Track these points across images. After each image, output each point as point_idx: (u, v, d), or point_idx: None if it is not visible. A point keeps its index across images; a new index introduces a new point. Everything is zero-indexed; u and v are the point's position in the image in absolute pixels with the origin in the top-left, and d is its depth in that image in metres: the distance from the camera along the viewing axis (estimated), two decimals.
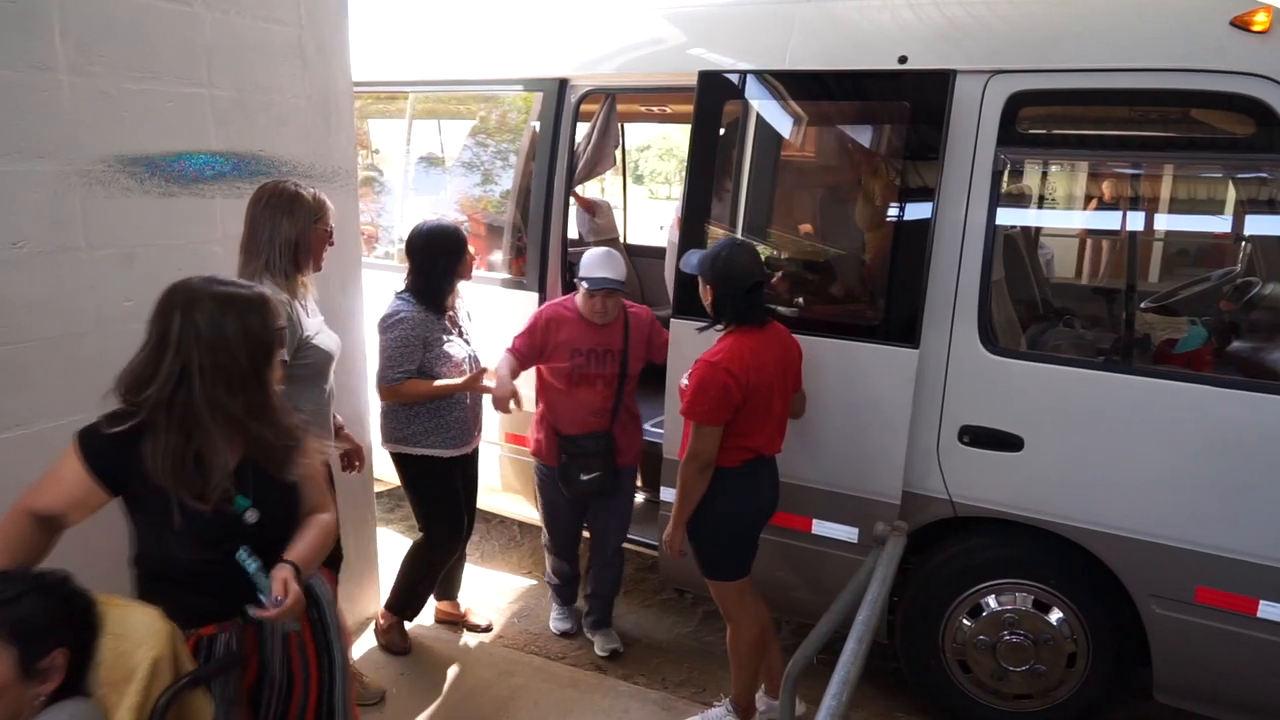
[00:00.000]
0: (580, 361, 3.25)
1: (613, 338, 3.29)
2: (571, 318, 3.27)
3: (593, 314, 3.22)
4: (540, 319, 3.31)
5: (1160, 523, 2.60)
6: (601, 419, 3.31)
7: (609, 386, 3.29)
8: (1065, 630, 2.82)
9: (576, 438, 3.30)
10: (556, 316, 3.30)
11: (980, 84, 2.73)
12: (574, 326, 3.26)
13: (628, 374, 3.31)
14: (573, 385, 3.27)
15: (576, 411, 3.30)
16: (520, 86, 3.95)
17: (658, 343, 3.35)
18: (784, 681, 2.19)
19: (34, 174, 2.24)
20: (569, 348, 3.24)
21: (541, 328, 3.28)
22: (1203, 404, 2.53)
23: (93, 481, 1.69)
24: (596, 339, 3.26)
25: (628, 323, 3.33)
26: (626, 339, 3.30)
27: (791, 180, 3.42)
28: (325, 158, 3.09)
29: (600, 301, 3.18)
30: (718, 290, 2.66)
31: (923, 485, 2.89)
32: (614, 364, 3.28)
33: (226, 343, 1.68)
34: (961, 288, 2.77)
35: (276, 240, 2.48)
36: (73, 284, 2.36)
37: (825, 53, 3.03)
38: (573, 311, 3.29)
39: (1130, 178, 3.09)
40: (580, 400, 3.29)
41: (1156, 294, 3.21)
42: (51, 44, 2.23)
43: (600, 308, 3.19)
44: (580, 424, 3.30)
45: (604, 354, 3.27)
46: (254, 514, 1.76)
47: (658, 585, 4.12)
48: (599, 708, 3.12)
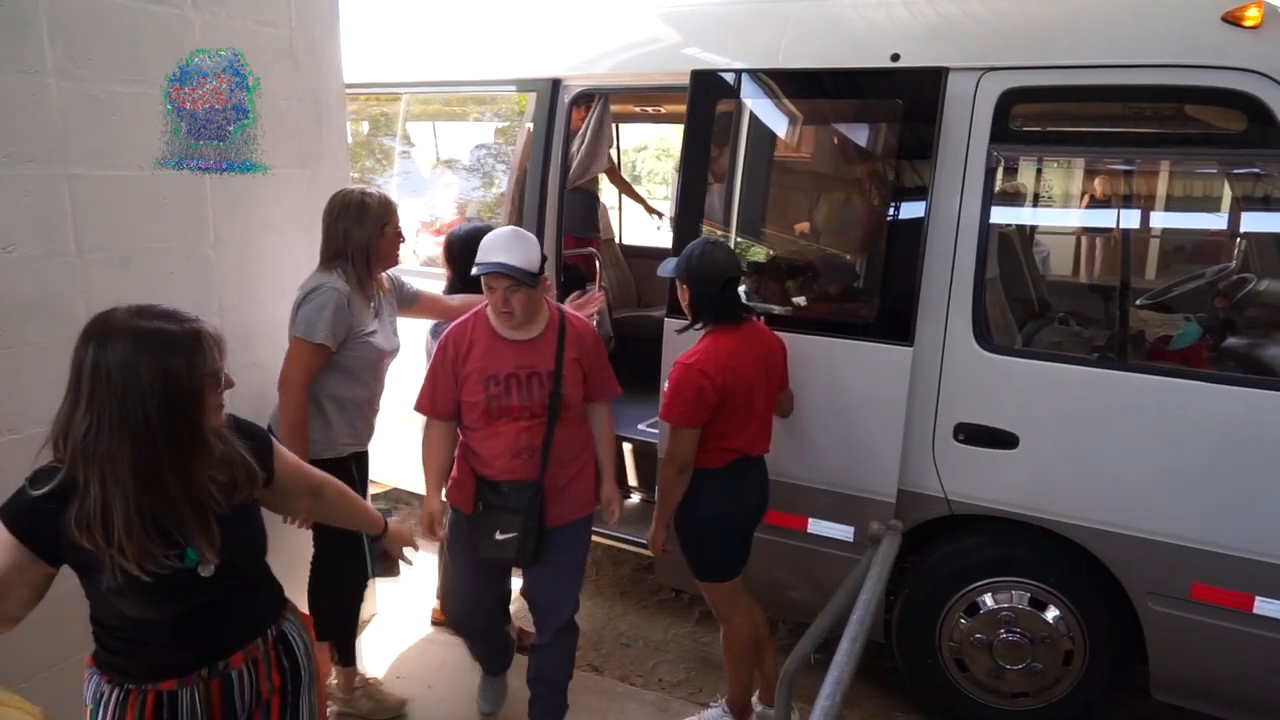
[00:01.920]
0: (496, 391, 2.53)
1: (540, 356, 2.57)
2: (482, 336, 2.57)
3: (499, 318, 2.53)
4: (442, 352, 2.60)
5: (1156, 519, 2.60)
6: (527, 463, 2.56)
7: (536, 420, 2.56)
8: (1062, 628, 2.82)
9: (498, 483, 2.57)
10: (461, 338, 2.59)
11: (973, 81, 2.73)
12: (486, 347, 2.56)
13: (563, 403, 2.58)
14: (491, 420, 2.55)
15: (496, 451, 2.57)
16: (514, 87, 3.94)
17: (595, 370, 2.68)
18: (780, 681, 2.19)
19: (23, 178, 2.23)
20: (482, 375, 2.53)
21: (448, 363, 2.58)
22: (1198, 400, 2.52)
23: (27, 553, 1.49)
24: (518, 359, 2.55)
25: (563, 335, 2.61)
26: (560, 358, 2.58)
27: (785, 179, 3.41)
28: (317, 158, 3.09)
29: (501, 296, 2.46)
30: (693, 289, 2.66)
31: (918, 483, 2.89)
32: (543, 391, 2.56)
33: (138, 388, 1.44)
34: (956, 285, 2.77)
35: (349, 248, 2.70)
36: (64, 288, 2.35)
37: (819, 51, 3.03)
38: (484, 328, 2.59)
39: (1124, 175, 3.09)
40: (500, 436, 2.56)
41: (1151, 291, 3.21)
42: (40, 47, 2.23)
43: (501, 303, 2.46)
44: (503, 468, 2.57)
45: (528, 379, 2.55)
46: (209, 567, 1.56)
47: (654, 586, 4.11)
48: (595, 708, 3.11)
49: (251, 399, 2.92)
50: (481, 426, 2.57)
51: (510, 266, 2.40)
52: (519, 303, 2.47)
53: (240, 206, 2.82)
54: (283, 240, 2.99)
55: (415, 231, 4.35)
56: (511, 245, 2.45)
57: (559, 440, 2.60)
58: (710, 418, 2.60)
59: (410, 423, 2.84)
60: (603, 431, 2.81)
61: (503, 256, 2.41)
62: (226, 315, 2.80)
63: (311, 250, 3.08)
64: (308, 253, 3.06)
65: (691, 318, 2.71)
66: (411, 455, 2.80)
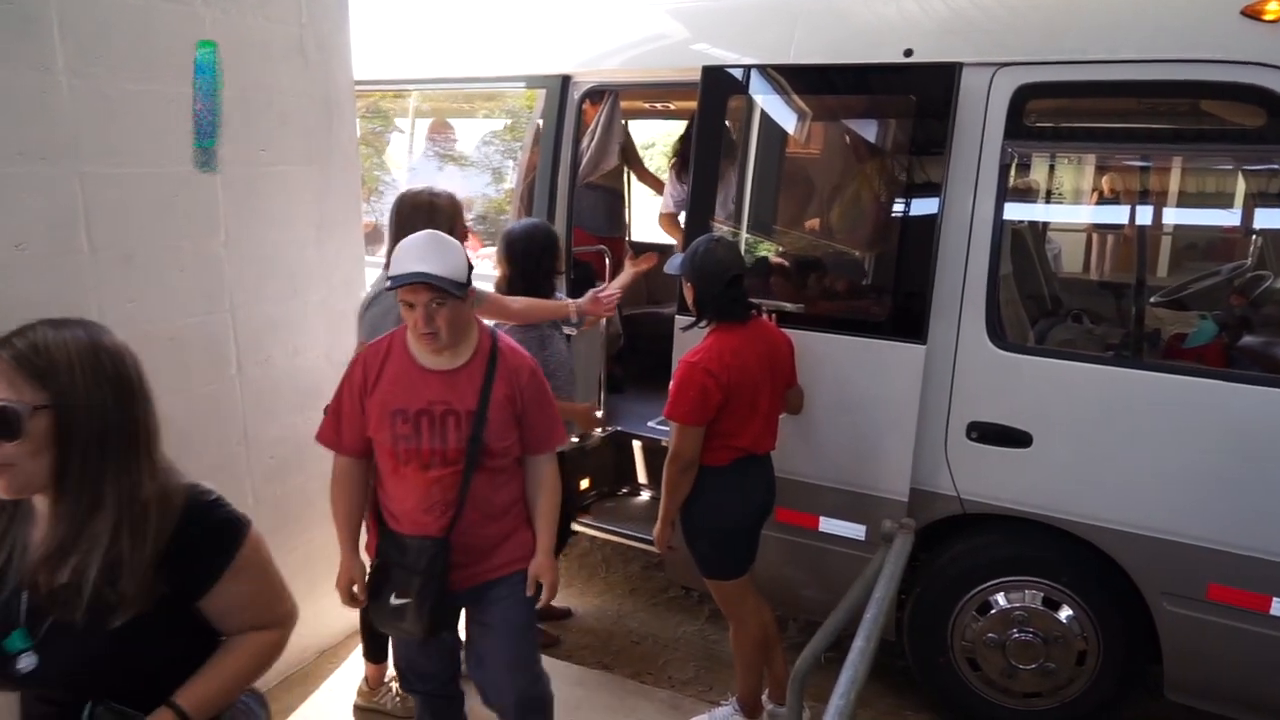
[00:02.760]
0: (404, 431, 2.09)
1: (460, 391, 2.11)
2: (395, 361, 2.15)
3: (420, 340, 2.07)
4: (350, 376, 2.20)
5: (1171, 519, 2.57)
6: (434, 518, 2.13)
7: (450, 468, 2.10)
8: (1075, 628, 2.80)
9: (401, 537, 2.15)
10: (372, 360, 2.17)
11: (987, 77, 2.71)
12: (396, 374, 2.13)
13: (485, 451, 2.12)
14: (399, 464, 2.13)
15: (404, 504, 2.16)
16: (523, 84, 3.93)
17: (534, 413, 2.21)
18: (791, 680, 2.17)
19: (36, 176, 2.23)
20: (388, 409, 2.10)
21: (355, 390, 2.16)
22: (1214, 399, 2.50)
23: None
24: (433, 393, 2.11)
25: (493, 367, 2.15)
26: (486, 394, 2.12)
27: (796, 175, 3.40)
28: (327, 155, 3.08)
29: (424, 313, 2.01)
30: (697, 287, 2.65)
31: (930, 482, 2.87)
32: (459, 434, 2.09)
33: None
34: (969, 282, 2.75)
35: None
36: (76, 286, 2.35)
37: (830, 46, 3.00)
38: (399, 350, 2.16)
39: (1139, 171, 3.06)
40: (408, 485, 2.14)
41: (1166, 288, 3.18)
42: (51, 45, 2.23)
43: (424, 321, 2.01)
44: (410, 524, 2.15)
45: (443, 418, 2.09)
46: (30, 659, 1.28)
47: (664, 583, 4.11)
48: (606, 705, 3.11)
49: (264, 395, 2.93)
50: (389, 472, 2.16)
51: (433, 276, 1.97)
52: (445, 320, 2.03)
53: (250, 204, 2.82)
54: (293, 237, 2.99)
55: None
56: (432, 251, 2.02)
57: (478, 495, 2.14)
58: (715, 416, 2.59)
59: None
60: (541, 491, 2.27)
61: (423, 264, 1.98)
62: (237, 313, 2.80)
63: (321, 247, 3.09)
64: (318, 249, 3.07)
65: (696, 315, 2.71)
66: None
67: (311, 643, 3.27)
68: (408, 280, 1.99)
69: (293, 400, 3.04)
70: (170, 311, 2.60)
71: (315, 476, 3.16)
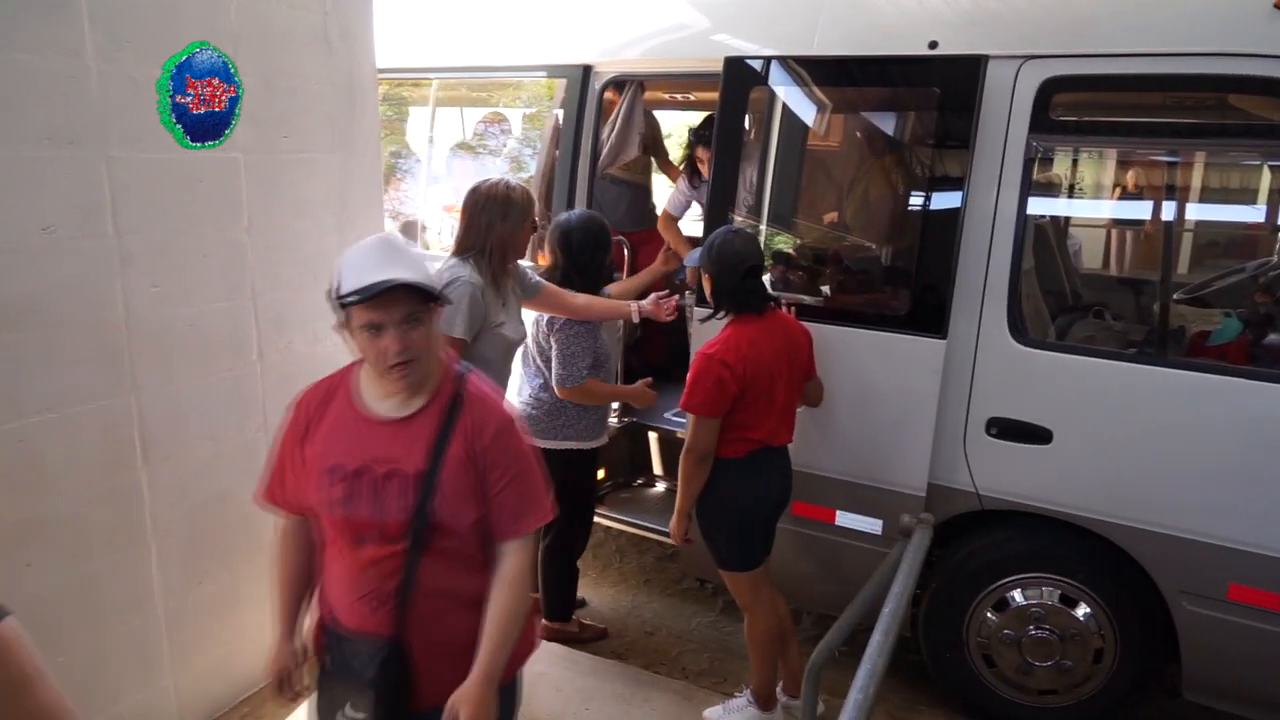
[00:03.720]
0: (339, 493, 1.64)
1: (409, 446, 1.64)
2: (338, 402, 1.70)
3: (386, 375, 1.59)
4: (291, 418, 1.75)
5: (1192, 518, 2.56)
6: (377, 612, 1.66)
7: (391, 545, 1.63)
8: (1092, 626, 2.79)
9: (345, 637, 1.71)
10: (313, 399, 1.73)
11: (1013, 70, 2.68)
12: (335, 420, 1.69)
13: (433, 525, 1.63)
14: (338, 534, 1.68)
15: (341, 585, 1.71)
16: (544, 73, 3.93)
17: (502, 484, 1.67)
18: (807, 673, 2.18)
19: (64, 160, 2.25)
20: (324, 464, 1.66)
21: (296, 434, 1.72)
22: (1237, 397, 2.47)
23: None
24: (377, 446, 1.65)
25: (452, 417, 1.66)
26: (439, 451, 1.63)
27: (818, 168, 3.38)
28: (349, 143, 3.09)
29: (396, 336, 1.55)
30: (715, 278, 2.66)
31: (949, 478, 2.86)
32: (403, 501, 1.62)
33: None
34: (991, 277, 2.73)
35: (490, 239, 2.70)
36: (102, 270, 2.37)
37: (853, 38, 2.99)
38: (345, 389, 1.71)
39: (1164, 166, 3.02)
40: (344, 562, 1.69)
41: (1190, 285, 3.16)
42: (80, 30, 2.24)
43: (397, 347, 1.55)
44: (348, 613, 1.70)
45: (385, 479, 1.63)
46: None
47: (678, 575, 4.12)
48: (620, 695, 3.12)
49: (285, 381, 2.94)
50: (326, 544, 1.74)
51: (412, 280, 1.54)
52: (423, 344, 1.59)
53: (273, 190, 2.83)
54: (315, 224, 3.01)
55: (443, 215, 4.36)
56: (397, 256, 1.59)
57: (426, 584, 1.65)
58: (731, 408, 2.59)
59: None
60: (498, 589, 1.70)
61: (393, 271, 1.54)
62: (259, 299, 2.82)
63: (343, 234, 3.10)
64: (339, 236, 3.09)
65: (713, 307, 2.71)
66: None
67: None
68: (379, 289, 1.51)
69: None
70: (193, 296, 2.62)
71: None
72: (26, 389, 2.23)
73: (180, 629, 2.69)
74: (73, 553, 2.37)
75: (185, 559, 2.68)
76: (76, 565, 2.39)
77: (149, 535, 2.56)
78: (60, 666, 2.40)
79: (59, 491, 2.33)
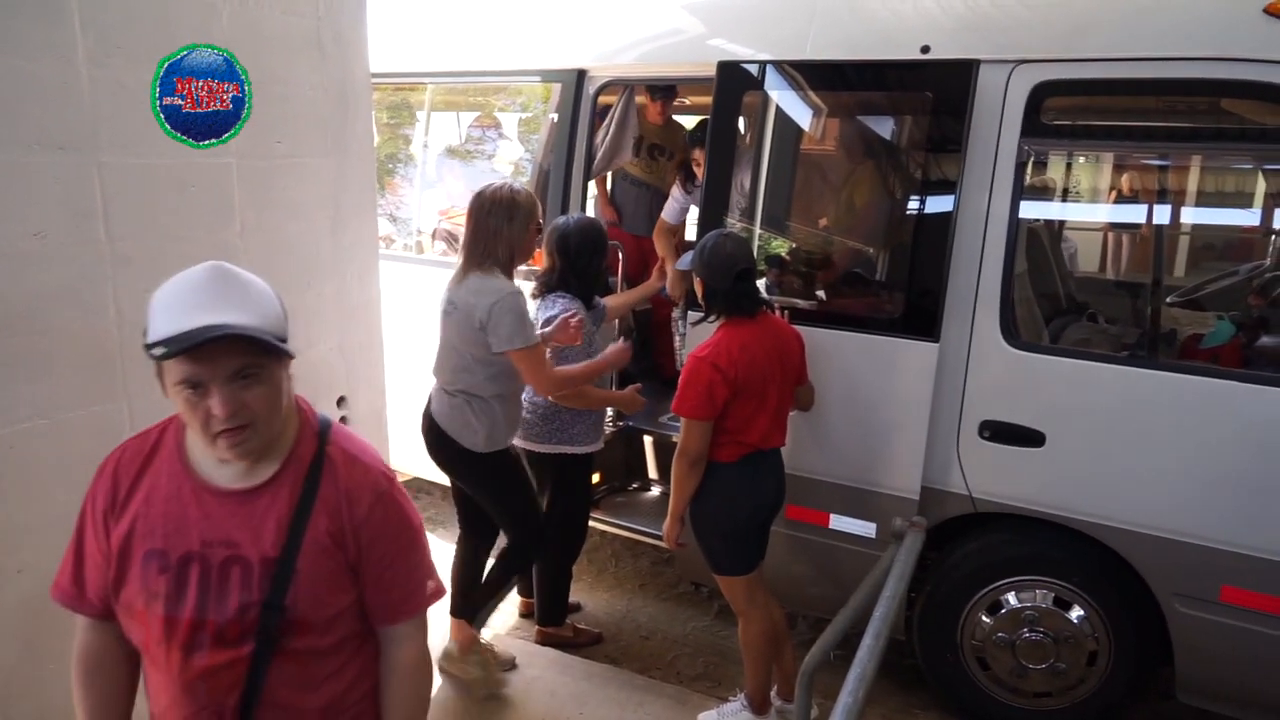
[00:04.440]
0: (160, 586, 1.30)
1: (255, 526, 1.32)
2: (161, 467, 1.36)
3: (216, 443, 1.26)
4: (93, 488, 1.39)
5: (1186, 521, 2.56)
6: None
7: (227, 651, 1.31)
8: (1086, 628, 2.79)
9: None
10: (127, 465, 1.37)
11: (1004, 74, 2.69)
12: (158, 490, 1.34)
13: (286, 625, 1.31)
14: (153, 639, 1.33)
15: (158, 695, 1.38)
16: (538, 78, 3.93)
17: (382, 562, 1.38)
18: (800, 676, 2.18)
19: (55, 165, 2.24)
20: (140, 548, 1.32)
21: (99, 513, 1.36)
22: (1230, 400, 2.48)
23: None
24: (211, 525, 1.32)
25: (313, 485, 1.35)
26: (297, 531, 1.32)
27: (811, 172, 3.39)
28: (343, 148, 3.09)
29: (226, 397, 1.23)
30: (706, 281, 2.67)
31: (942, 481, 2.86)
32: (247, 593, 1.30)
33: None
34: (983, 281, 2.74)
35: (498, 243, 2.76)
36: (94, 276, 2.37)
37: (846, 43, 2.99)
38: (170, 451, 1.37)
39: (1157, 169, 3.04)
40: (166, 672, 1.34)
41: (1183, 288, 3.16)
42: (72, 34, 2.24)
43: (226, 410, 1.23)
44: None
45: (223, 568, 1.31)
46: None
47: (673, 579, 4.11)
48: (614, 700, 3.12)
49: None
50: (143, 651, 1.38)
51: (243, 327, 1.22)
52: (263, 404, 1.27)
53: (266, 195, 2.83)
54: (308, 229, 3.00)
55: (437, 221, 4.36)
56: (229, 292, 1.28)
57: (278, 696, 1.34)
58: (723, 411, 2.59)
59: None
60: (393, 685, 1.45)
61: (215, 312, 1.22)
62: None
63: (336, 239, 3.10)
64: (333, 241, 3.08)
65: (705, 310, 2.71)
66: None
67: None
68: (199, 340, 1.18)
69: (306, 392, 2.96)
70: None
71: None
72: (17, 395, 2.21)
73: None
74: None
75: None
76: None
77: None
78: (51, 674, 2.39)
79: (50, 497, 2.32)
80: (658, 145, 4.69)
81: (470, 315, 2.75)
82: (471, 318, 2.74)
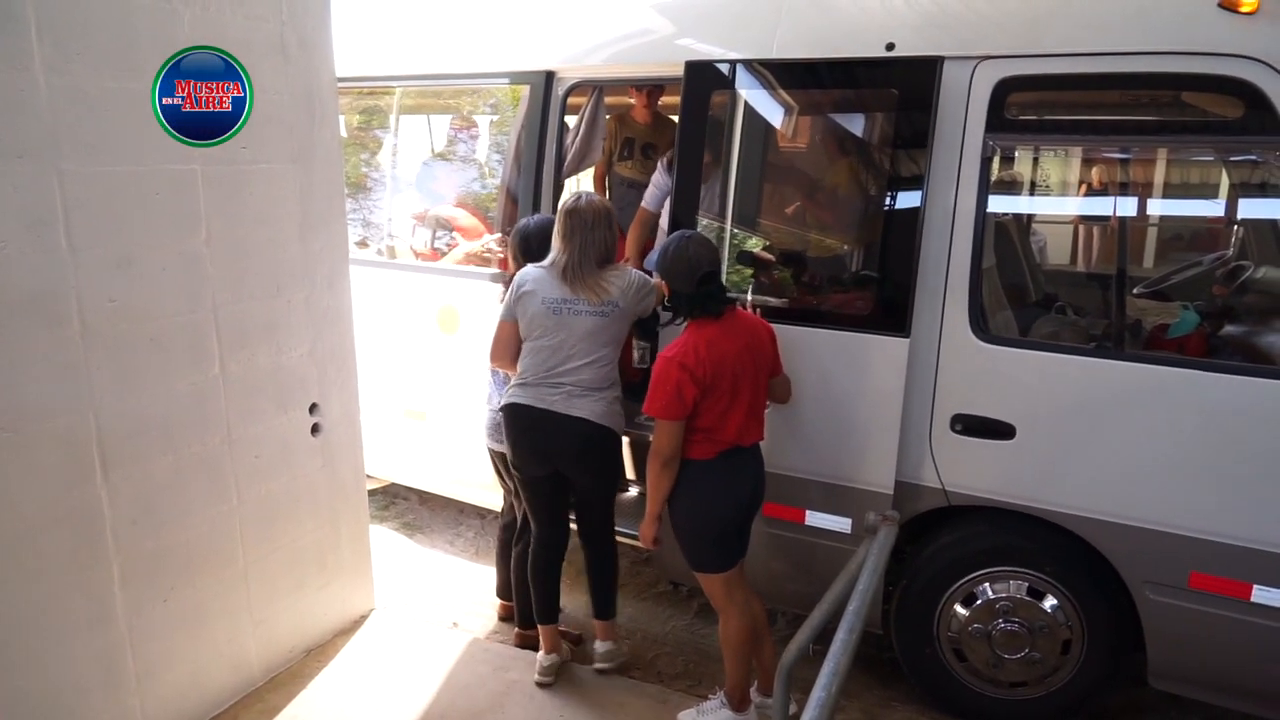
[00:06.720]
0: None
1: None
2: None
3: None
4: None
5: (1154, 509, 2.59)
6: None
7: None
8: (1060, 617, 2.82)
9: None
10: None
11: (968, 70, 2.71)
12: None
13: None
14: None
15: None
16: (507, 79, 3.92)
17: None
18: (778, 672, 2.19)
19: (13, 174, 2.21)
20: None
21: None
22: (1195, 389, 2.52)
23: None
24: None
25: None
26: None
27: (780, 170, 3.40)
28: (309, 153, 3.07)
29: None
30: (671, 283, 2.68)
31: (915, 475, 2.88)
32: None
33: None
34: (952, 275, 2.76)
35: (606, 247, 2.92)
36: (57, 286, 2.34)
37: (813, 41, 3.01)
38: None
39: (1121, 163, 3.07)
40: None
41: (1148, 279, 3.20)
42: (28, 42, 2.21)
43: None
44: None
45: None
46: None
47: (653, 578, 4.11)
48: (594, 701, 3.11)
49: (247, 394, 2.92)
50: None
51: None
52: None
53: (232, 202, 2.80)
54: (276, 235, 2.98)
55: (411, 225, 4.34)
56: None
57: None
58: (693, 410, 2.60)
59: (408, 417, 2.83)
60: None
61: None
62: (220, 311, 2.79)
63: (305, 246, 3.08)
64: (301, 247, 3.06)
65: (671, 312, 2.72)
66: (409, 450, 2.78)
67: (299, 642, 3.26)
68: None
69: (276, 399, 3.03)
70: (152, 310, 2.58)
71: (300, 476, 3.17)
72: None
73: (145, 647, 2.65)
74: (33, 571, 2.34)
75: (148, 575, 2.64)
76: (37, 584, 2.35)
77: (110, 552, 2.52)
78: (20, 689, 2.35)
79: (17, 509, 2.29)
80: (650, 145, 4.68)
81: (628, 310, 2.94)
82: (629, 310, 2.94)
